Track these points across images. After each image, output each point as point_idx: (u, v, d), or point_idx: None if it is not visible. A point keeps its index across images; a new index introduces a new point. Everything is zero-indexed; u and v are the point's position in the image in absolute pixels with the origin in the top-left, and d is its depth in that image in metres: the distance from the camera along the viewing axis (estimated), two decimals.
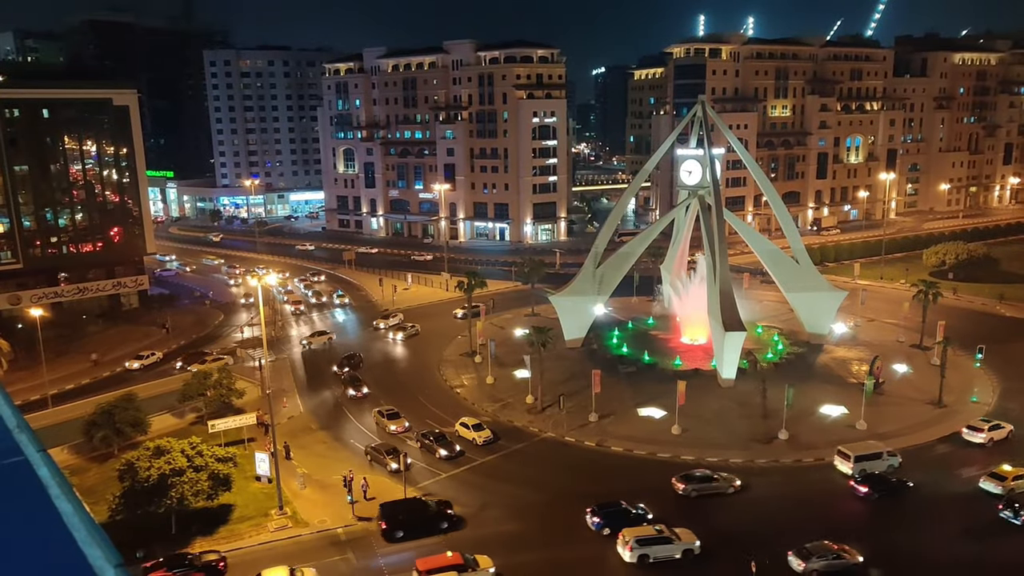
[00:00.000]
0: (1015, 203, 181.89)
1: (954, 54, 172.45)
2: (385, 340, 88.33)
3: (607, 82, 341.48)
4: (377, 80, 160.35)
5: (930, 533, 47.41)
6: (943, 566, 44.15)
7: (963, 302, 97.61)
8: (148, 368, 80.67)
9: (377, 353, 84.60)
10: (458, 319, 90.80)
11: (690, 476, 52.43)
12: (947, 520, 48.77)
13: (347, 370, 75.75)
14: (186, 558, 44.55)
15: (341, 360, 78.48)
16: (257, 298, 56.23)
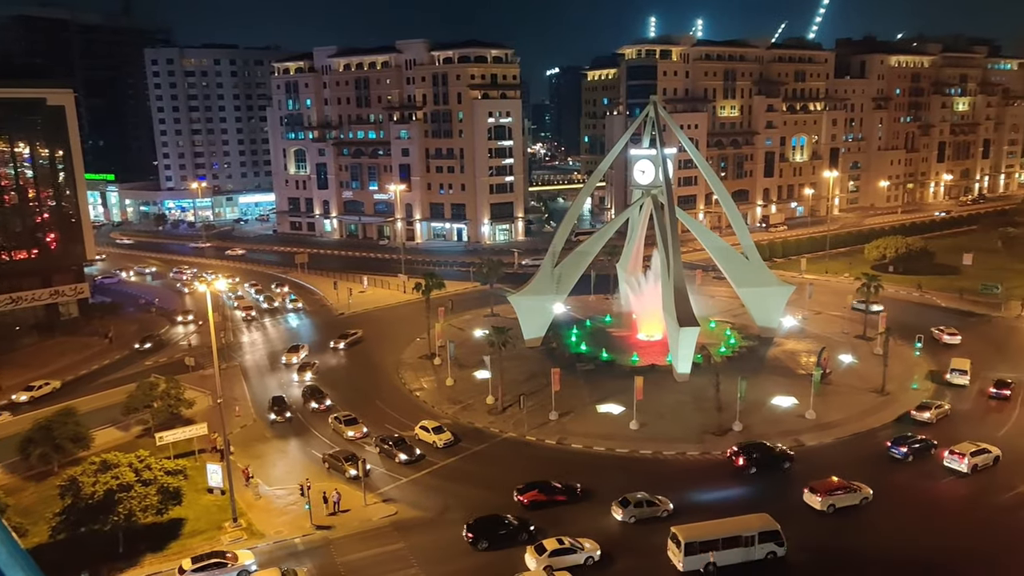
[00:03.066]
0: (949, 199, 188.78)
1: (890, 57, 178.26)
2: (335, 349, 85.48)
3: (561, 83, 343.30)
4: (328, 79, 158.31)
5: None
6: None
7: (902, 293, 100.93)
8: (37, 401, 71.45)
9: (332, 358, 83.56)
10: (340, 350, 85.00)
11: (628, 501, 49.38)
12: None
13: (308, 382, 74.30)
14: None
15: (301, 364, 77.28)
16: (206, 304, 54.77)
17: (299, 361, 79.62)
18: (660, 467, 56.47)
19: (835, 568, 44.50)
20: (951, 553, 45.02)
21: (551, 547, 43.75)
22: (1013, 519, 48.83)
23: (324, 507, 50.95)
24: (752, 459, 54.94)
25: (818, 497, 49.25)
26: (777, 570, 43.33)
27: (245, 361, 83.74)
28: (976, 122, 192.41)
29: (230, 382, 75.16)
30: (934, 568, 43.85)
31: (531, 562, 43.37)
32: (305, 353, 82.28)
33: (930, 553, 44.99)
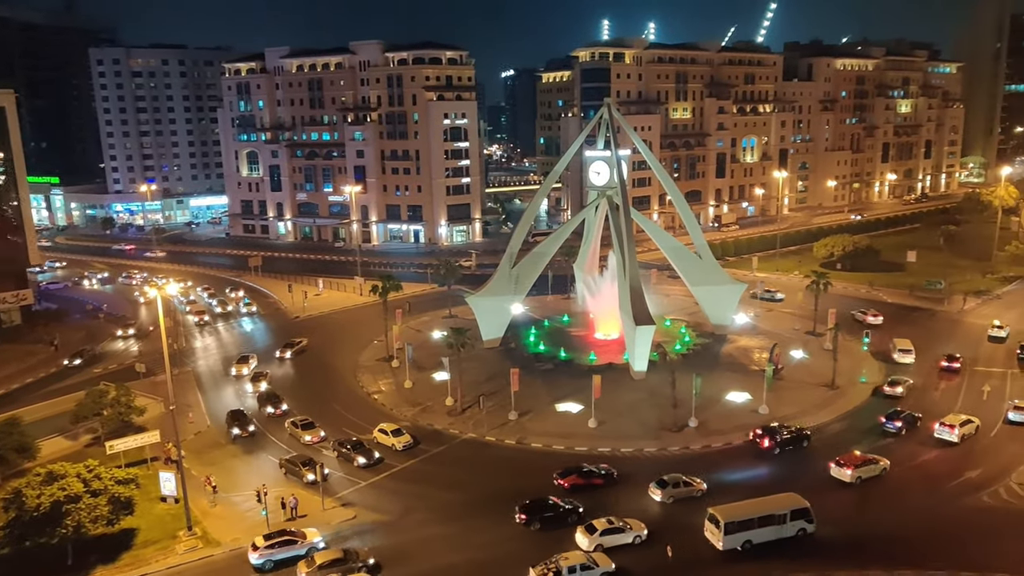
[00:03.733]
0: (893, 198, 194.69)
1: (836, 60, 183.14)
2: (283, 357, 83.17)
3: (516, 84, 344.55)
4: (281, 80, 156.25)
5: None
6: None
7: (850, 290, 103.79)
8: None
9: (287, 363, 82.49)
10: (287, 359, 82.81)
11: (665, 482, 51.54)
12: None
13: (263, 387, 73.05)
14: None
15: (253, 375, 75.90)
16: (157, 309, 53.70)
17: (249, 372, 77.23)
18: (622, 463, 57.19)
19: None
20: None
21: (601, 527, 45.61)
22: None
23: (282, 513, 50.33)
24: (776, 440, 57.76)
25: (848, 470, 52.80)
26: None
27: (198, 367, 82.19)
28: (918, 123, 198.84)
29: (183, 388, 73.68)
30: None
31: (583, 541, 45.18)
32: (255, 363, 79.90)
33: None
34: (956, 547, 45.35)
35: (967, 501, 50.60)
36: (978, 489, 51.88)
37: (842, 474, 53.08)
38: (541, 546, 45.38)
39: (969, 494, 51.28)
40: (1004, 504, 50.31)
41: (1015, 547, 45.08)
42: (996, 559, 43.88)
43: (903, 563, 43.67)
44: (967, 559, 43.93)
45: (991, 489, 51.75)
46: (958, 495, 51.39)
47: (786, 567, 43.87)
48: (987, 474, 53.91)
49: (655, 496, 51.20)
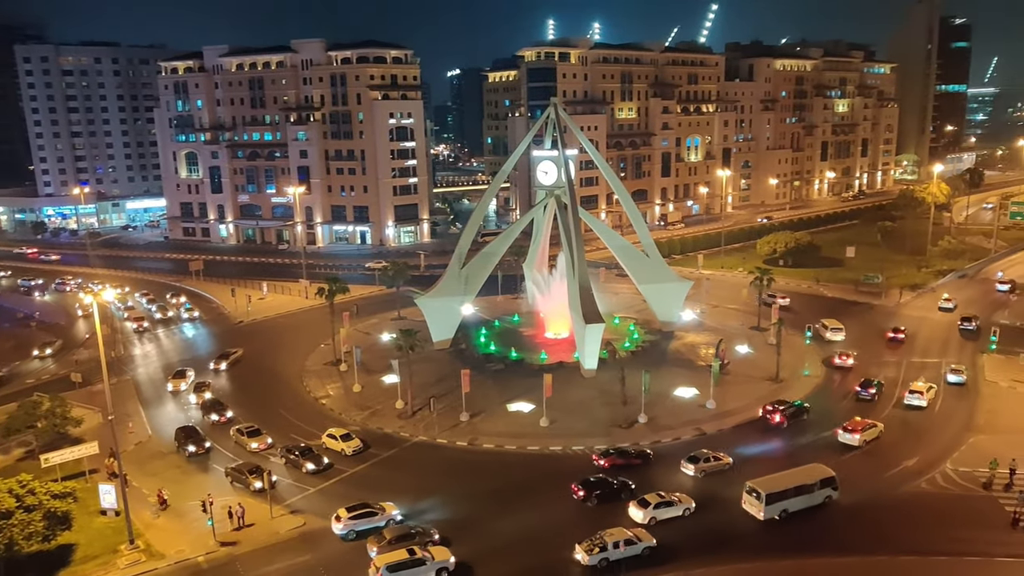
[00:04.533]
0: (832, 195, 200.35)
1: (776, 61, 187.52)
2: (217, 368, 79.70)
3: (462, 84, 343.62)
4: (220, 79, 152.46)
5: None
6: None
7: (792, 285, 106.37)
8: None
9: (231, 369, 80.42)
10: (222, 371, 78.83)
11: (697, 458, 55.06)
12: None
13: (207, 396, 70.79)
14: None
15: (196, 385, 73.52)
16: (94, 316, 51.68)
17: (187, 387, 73.66)
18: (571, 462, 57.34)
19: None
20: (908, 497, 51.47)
21: (654, 500, 48.35)
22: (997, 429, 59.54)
23: (228, 522, 49.08)
24: (786, 415, 62.10)
25: (856, 435, 57.77)
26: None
27: (138, 375, 79.56)
28: (855, 122, 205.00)
29: (122, 397, 71.23)
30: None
31: (637, 514, 47.83)
32: (192, 377, 75.99)
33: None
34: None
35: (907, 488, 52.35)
36: (917, 475, 53.74)
37: (850, 439, 57.86)
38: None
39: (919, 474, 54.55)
40: (941, 490, 52.03)
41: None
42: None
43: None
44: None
45: (929, 475, 53.51)
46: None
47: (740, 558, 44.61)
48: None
49: (687, 471, 54.20)
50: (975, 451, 56.68)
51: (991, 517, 48.17)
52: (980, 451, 56.34)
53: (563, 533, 46.35)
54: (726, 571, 43.56)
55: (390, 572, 41.00)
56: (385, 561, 41.69)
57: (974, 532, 46.38)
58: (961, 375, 69.90)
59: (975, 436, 59.17)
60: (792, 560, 44.28)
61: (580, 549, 43.73)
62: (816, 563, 44.01)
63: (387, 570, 40.99)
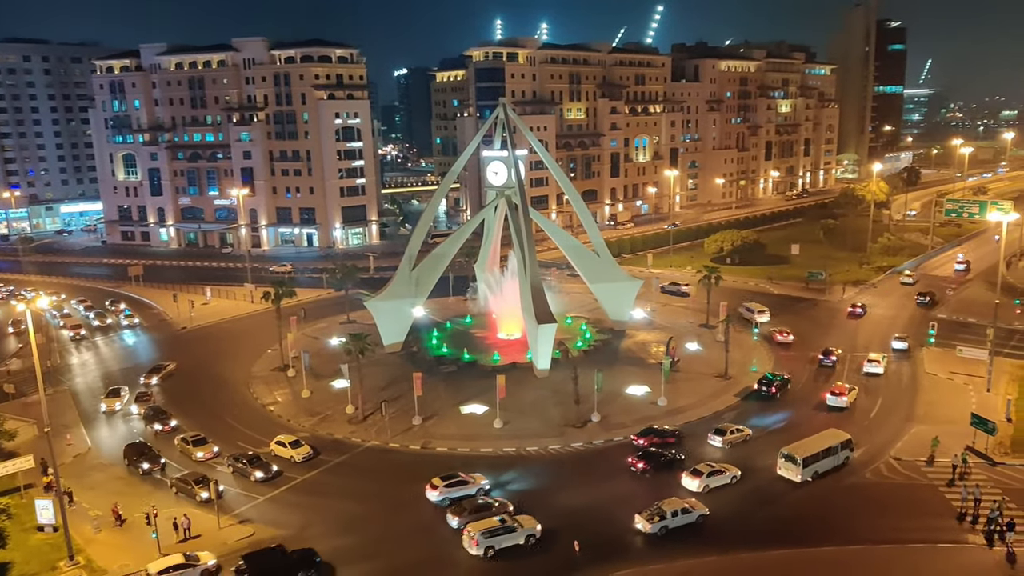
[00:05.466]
0: (776, 194, 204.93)
1: (720, 62, 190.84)
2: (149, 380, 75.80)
3: (410, 84, 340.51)
4: (159, 79, 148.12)
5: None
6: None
7: (739, 282, 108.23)
8: None
9: (173, 375, 78.00)
10: (153, 386, 74.25)
11: (723, 430, 59.36)
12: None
13: (148, 405, 68.32)
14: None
15: (138, 395, 70.93)
16: (28, 324, 49.43)
17: (123, 406, 69.66)
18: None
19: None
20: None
21: (706, 470, 52.11)
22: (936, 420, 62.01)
23: (174, 534, 47.53)
24: (776, 386, 68.04)
25: (844, 398, 64.74)
26: (851, 469, 52.80)
27: (76, 384, 76.58)
28: (797, 123, 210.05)
29: (59, 408, 68.42)
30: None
31: (692, 483, 51.42)
32: (127, 396, 71.11)
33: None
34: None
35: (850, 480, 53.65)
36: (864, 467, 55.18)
37: (839, 402, 64.81)
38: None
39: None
40: (884, 480, 53.42)
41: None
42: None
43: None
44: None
45: (873, 466, 54.85)
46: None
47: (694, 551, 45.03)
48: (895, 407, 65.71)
49: (715, 443, 58.28)
50: (916, 441, 58.36)
51: (933, 505, 49.56)
52: (921, 441, 58.00)
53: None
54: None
55: (485, 538, 43.91)
56: (480, 528, 44.59)
57: (917, 520, 47.60)
58: (904, 342, 79.34)
59: (916, 427, 60.92)
60: (748, 554, 44.76)
61: (640, 519, 46.56)
62: (770, 556, 44.56)
63: (482, 536, 43.96)
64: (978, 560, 43.62)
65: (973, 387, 68.08)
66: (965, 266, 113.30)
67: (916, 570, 42.80)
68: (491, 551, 43.96)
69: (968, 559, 43.87)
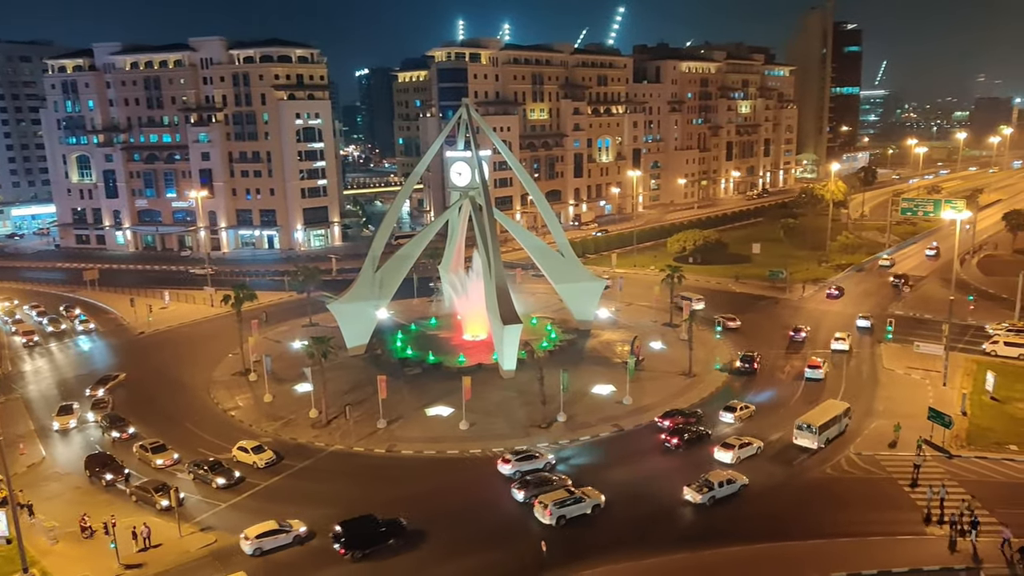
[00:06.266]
0: (737, 194, 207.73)
1: (681, 63, 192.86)
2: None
3: (371, 84, 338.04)
4: (113, 79, 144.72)
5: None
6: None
7: (702, 281, 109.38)
8: None
9: (131, 381, 76.18)
10: (99, 397, 70.42)
11: (732, 407, 64.55)
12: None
13: (105, 411, 66.57)
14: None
15: (94, 402, 69.05)
16: None
17: (76, 424, 65.51)
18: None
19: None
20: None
21: (736, 443, 56.44)
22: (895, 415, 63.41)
23: (133, 544, 46.35)
24: (755, 362, 75.03)
25: (820, 370, 71.69)
26: (744, 500, 51.57)
27: (29, 392, 74.35)
28: (757, 123, 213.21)
29: (11, 417, 66.67)
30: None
31: (725, 456, 55.55)
32: (79, 412, 67.04)
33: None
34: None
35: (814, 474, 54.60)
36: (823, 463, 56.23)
37: (816, 372, 71.31)
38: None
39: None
40: (846, 474, 54.41)
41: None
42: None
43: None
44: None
45: (833, 461, 55.79)
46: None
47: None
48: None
49: (727, 419, 62.90)
50: (876, 435, 59.53)
51: (893, 498, 50.51)
52: (880, 435, 59.22)
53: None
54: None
55: (557, 508, 47.63)
56: (552, 499, 48.29)
57: (878, 513, 48.48)
58: (868, 320, 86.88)
59: (875, 421, 62.13)
60: (709, 551, 45.11)
61: (690, 491, 50.11)
62: (728, 552, 44.94)
63: (555, 506, 47.70)
64: (936, 552, 44.51)
65: (930, 382, 69.70)
66: (935, 251, 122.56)
67: (876, 562, 43.49)
68: (563, 520, 47.63)
69: (927, 551, 44.71)
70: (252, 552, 45.57)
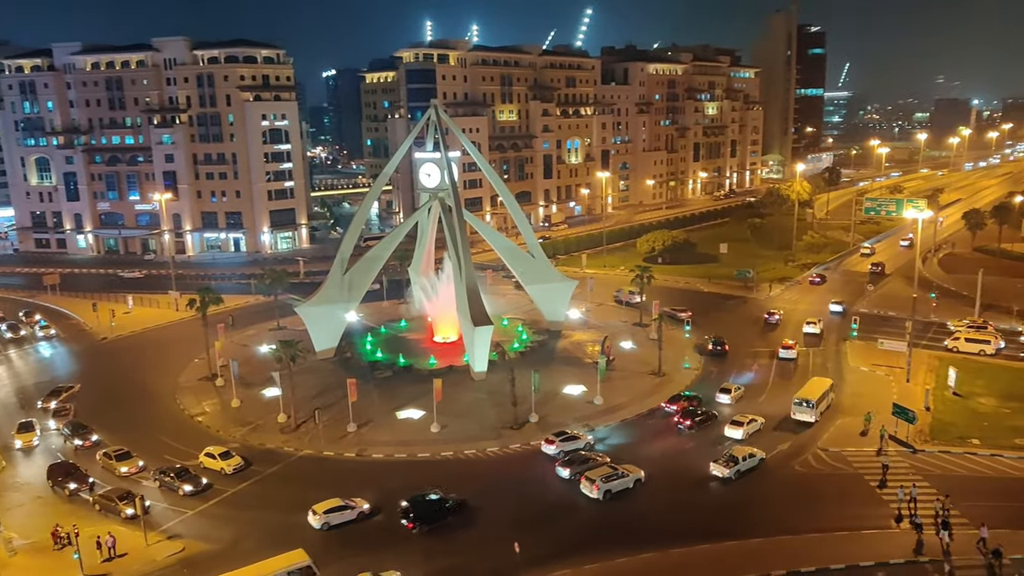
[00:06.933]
0: (705, 194, 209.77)
1: (649, 65, 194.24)
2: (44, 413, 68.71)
3: (339, 85, 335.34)
4: (74, 79, 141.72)
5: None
6: None
7: (671, 281, 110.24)
8: None
9: (94, 388, 74.58)
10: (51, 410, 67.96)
11: (728, 389, 68.71)
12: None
13: (67, 419, 64.94)
14: None
15: (56, 410, 67.35)
16: None
17: (38, 442, 62.29)
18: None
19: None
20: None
21: (744, 420, 60.81)
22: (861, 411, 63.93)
23: (98, 554, 45.34)
24: (725, 344, 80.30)
25: (792, 351, 77.62)
26: (712, 496, 53.13)
27: None
28: (724, 124, 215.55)
29: None
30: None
31: (736, 432, 59.73)
32: (38, 431, 63.50)
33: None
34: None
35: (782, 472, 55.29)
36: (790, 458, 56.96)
37: (790, 353, 77.32)
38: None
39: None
40: (813, 470, 55.13)
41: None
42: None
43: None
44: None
45: (801, 458, 56.59)
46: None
47: None
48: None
49: (724, 400, 66.85)
50: (842, 432, 60.47)
51: (859, 493, 51.31)
52: (846, 432, 60.19)
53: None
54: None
55: (604, 482, 51.37)
56: (600, 474, 51.99)
57: (845, 509, 49.19)
58: (841, 305, 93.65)
59: (841, 418, 63.08)
60: (677, 549, 45.34)
61: (717, 466, 54.00)
62: (700, 551, 45.28)
63: (602, 480, 51.46)
64: (901, 544, 45.25)
65: (894, 378, 70.96)
66: (909, 242, 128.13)
67: (843, 557, 44.06)
68: (609, 494, 51.29)
69: (894, 544, 45.42)
70: (320, 527, 48.03)
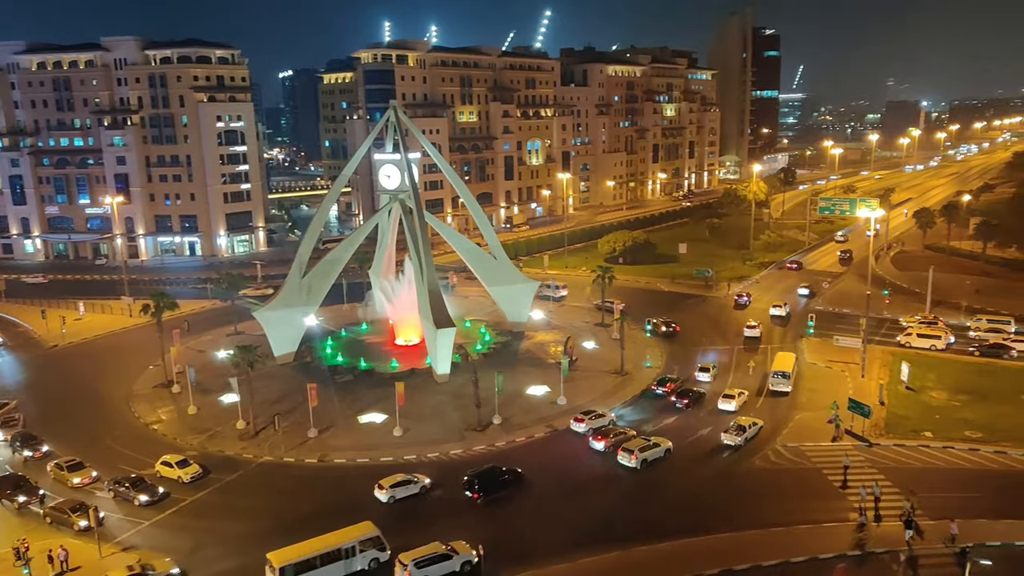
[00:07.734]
0: (664, 195, 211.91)
1: (608, 66, 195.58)
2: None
3: (296, 85, 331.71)
4: (18, 80, 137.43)
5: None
6: None
7: (632, 281, 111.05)
8: None
9: (45, 397, 72.31)
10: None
11: (706, 368, 74.33)
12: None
13: (15, 430, 62.67)
14: None
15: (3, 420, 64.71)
16: None
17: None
18: None
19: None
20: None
21: (735, 392, 66.80)
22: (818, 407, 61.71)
23: (50, 568, 43.94)
24: (676, 326, 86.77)
25: (757, 329, 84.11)
26: (673, 493, 53.91)
27: None
28: (682, 126, 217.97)
29: None
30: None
31: (728, 404, 65.33)
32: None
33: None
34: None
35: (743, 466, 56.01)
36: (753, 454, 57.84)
37: (753, 332, 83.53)
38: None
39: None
40: (774, 465, 55.98)
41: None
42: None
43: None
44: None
45: (761, 453, 57.42)
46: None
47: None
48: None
49: (704, 378, 72.41)
50: (801, 427, 61.52)
51: (819, 487, 52.22)
52: (806, 427, 61.25)
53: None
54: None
55: (641, 452, 55.95)
56: (636, 445, 56.70)
57: (806, 502, 49.99)
58: (808, 289, 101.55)
59: (800, 414, 64.21)
60: (643, 547, 45.51)
61: (727, 435, 58.92)
62: (664, 548, 45.52)
63: (639, 451, 56.01)
64: (860, 536, 46.13)
65: (849, 374, 72.39)
66: (875, 233, 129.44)
67: (804, 550, 44.72)
68: (645, 463, 55.70)
69: (854, 537, 46.34)
70: (387, 500, 51.19)
